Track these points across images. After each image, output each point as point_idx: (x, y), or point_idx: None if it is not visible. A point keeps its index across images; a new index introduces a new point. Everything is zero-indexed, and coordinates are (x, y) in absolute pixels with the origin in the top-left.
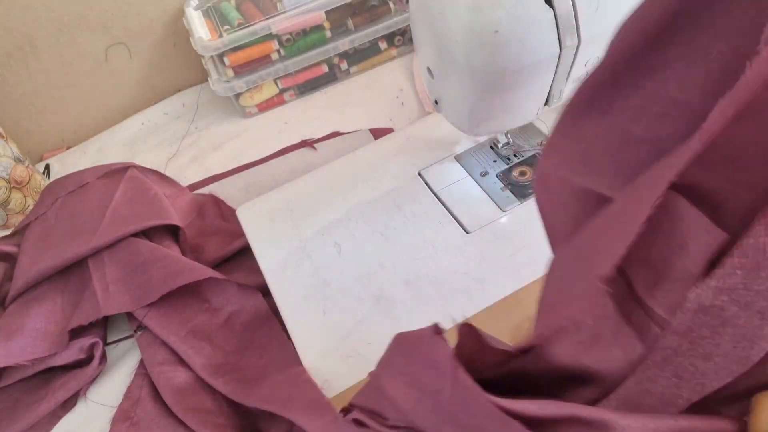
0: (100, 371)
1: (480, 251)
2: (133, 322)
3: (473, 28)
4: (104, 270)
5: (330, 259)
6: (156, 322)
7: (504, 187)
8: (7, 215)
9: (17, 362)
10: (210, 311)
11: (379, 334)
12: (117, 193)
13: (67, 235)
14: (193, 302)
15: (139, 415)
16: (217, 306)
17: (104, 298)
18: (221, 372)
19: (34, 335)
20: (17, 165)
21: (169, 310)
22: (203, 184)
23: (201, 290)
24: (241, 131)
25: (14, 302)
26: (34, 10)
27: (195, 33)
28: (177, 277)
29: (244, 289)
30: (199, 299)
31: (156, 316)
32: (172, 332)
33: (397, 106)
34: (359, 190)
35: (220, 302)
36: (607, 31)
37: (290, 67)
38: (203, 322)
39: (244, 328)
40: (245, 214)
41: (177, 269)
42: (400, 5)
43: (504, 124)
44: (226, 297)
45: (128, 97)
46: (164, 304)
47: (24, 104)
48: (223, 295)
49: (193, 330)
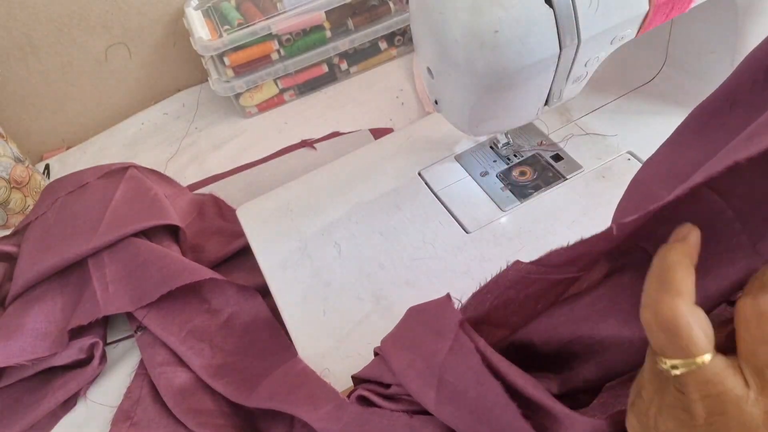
0: (100, 371)
1: (480, 251)
2: (133, 322)
3: (473, 28)
4: (104, 270)
5: (330, 259)
6: (156, 322)
7: (504, 187)
8: (7, 215)
9: (17, 362)
10: (210, 312)
11: (379, 334)
12: (117, 193)
13: (67, 235)
14: (193, 303)
15: (139, 416)
16: (217, 307)
17: (104, 298)
18: (221, 373)
19: (33, 335)
20: (17, 165)
21: (169, 311)
22: (203, 184)
23: (201, 291)
24: (241, 131)
25: (14, 302)
26: (34, 9)
27: (195, 33)
28: (176, 277)
29: (243, 290)
30: (199, 300)
31: (156, 316)
32: (171, 333)
33: (397, 106)
34: (359, 190)
35: (219, 303)
36: (607, 31)
37: (290, 67)
38: (203, 323)
39: (244, 330)
40: (245, 214)
41: (176, 270)
42: (400, 5)
43: (504, 124)
44: (225, 298)
45: (128, 97)
46: (164, 305)
47: (24, 104)
48: (222, 296)
49: (193, 331)
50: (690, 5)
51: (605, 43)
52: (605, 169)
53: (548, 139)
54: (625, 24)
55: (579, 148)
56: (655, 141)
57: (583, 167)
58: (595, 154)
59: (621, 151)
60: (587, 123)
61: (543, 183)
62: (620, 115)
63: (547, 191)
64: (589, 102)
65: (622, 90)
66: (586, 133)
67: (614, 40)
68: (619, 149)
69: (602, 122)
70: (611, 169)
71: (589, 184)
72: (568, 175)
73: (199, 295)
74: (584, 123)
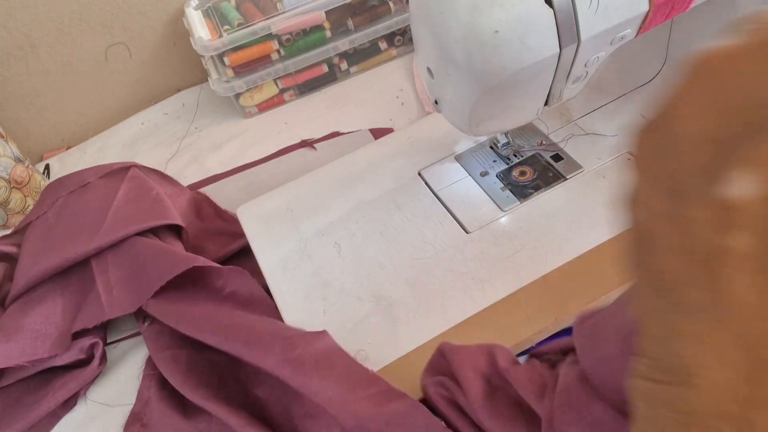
0: (100, 371)
1: (480, 251)
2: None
3: (473, 28)
4: (108, 273)
5: (330, 259)
6: (160, 310)
7: (504, 187)
8: (7, 215)
9: (16, 364)
10: (213, 291)
11: (379, 334)
12: (119, 193)
13: (68, 235)
14: (194, 288)
15: (149, 416)
16: (219, 287)
17: (108, 301)
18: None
19: (33, 336)
20: (17, 165)
21: (173, 299)
22: (203, 184)
23: (199, 280)
24: (241, 131)
25: (14, 302)
26: (34, 9)
27: (195, 33)
28: (172, 269)
29: (240, 272)
30: (200, 285)
31: (161, 304)
32: (176, 319)
33: (397, 106)
34: (359, 190)
35: (220, 285)
36: (607, 31)
37: (290, 67)
38: (205, 301)
39: (245, 305)
40: (245, 214)
41: (173, 261)
42: (400, 5)
43: (504, 124)
44: (224, 281)
45: (128, 97)
46: (167, 294)
47: (24, 104)
48: (219, 280)
49: (196, 314)
50: (690, 5)
51: (605, 43)
52: (605, 169)
53: (548, 139)
54: (625, 24)
55: (579, 148)
56: None
57: (583, 167)
58: (595, 154)
59: (621, 151)
60: (587, 123)
61: (543, 183)
62: (620, 115)
63: (547, 191)
64: (589, 102)
65: (622, 90)
66: (586, 133)
67: (614, 40)
68: (620, 149)
69: (602, 122)
70: (611, 169)
71: (589, 184)
72: (568, 175)
73: (198, 283)
74: (584, 123)
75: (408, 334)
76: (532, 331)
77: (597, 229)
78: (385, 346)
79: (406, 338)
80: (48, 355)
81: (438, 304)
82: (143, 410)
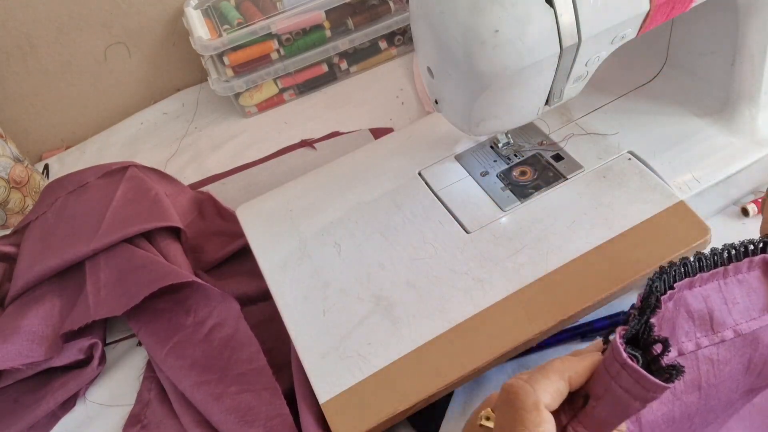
0: (99, 372)
1: (480, 251)
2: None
3: (473, 28)
4: (99, 274)
5: (330, 259)
6: (147, 335)
7: (504, 187)
8: (6, 215)
9: (13, 366)
10: (194, 325)
11: (379, 335)
12: (117, 194)
13: (67, 235)
14: (179, 314)
15: (149, 418)
16: (201, 318)
17: (95, 302)
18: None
19: (30, 338)
20: (16, 165)
21: (157, 324)
22: (203, 184)
23: (186, 302)
24: (241, 131)
25: (13, 303)
26: (34, 9)
27: (194, 32)
28: (160, 280)
29: (226, 299)
30: (185, 310)
31: (146, 330)
32: (158, 347)
33: (397, 106)
34: (359, 190)
35: (204, 314)
36: (607, 31)
37: (290, 67)
38: (186, 338)
39: (224, 345)
40: (245, 214)
41: (161, 273)
42: (400, 5)
43: (504, 124)
44: (209, 309)
45: (127, 97)
46: (153, 316)
47: (23, 104)
48: (206, 307)
49: (176, 345)
50: (690, 5)
51: (606, 43)
52: (606, 169)
53: (549, 139)
54: (626, 23)
55: (579, 148)
56: (655, 141)
57: (583, 167)
58: (595, 153)
59: (621, 150)
60: (588, 123)
61: (543, 183)
62: (621, 115)
63: (548, 191)
64: (589, 102)
65: (623, 90)
66: (587, 132)
67: (615, 39)
68: (620, 149)
69: (603, 122)
70: (612, 168)
71: (589, 183)
72: (568, 174)
73: (185, 305)
74: (585, 123)
75: (408, 334)
76: (532, 331)
77: (597, 229)
78: (385, 347)
79: (406, 338)
80: (44, 357)
81: (438, 304)
82: (143, 411)
